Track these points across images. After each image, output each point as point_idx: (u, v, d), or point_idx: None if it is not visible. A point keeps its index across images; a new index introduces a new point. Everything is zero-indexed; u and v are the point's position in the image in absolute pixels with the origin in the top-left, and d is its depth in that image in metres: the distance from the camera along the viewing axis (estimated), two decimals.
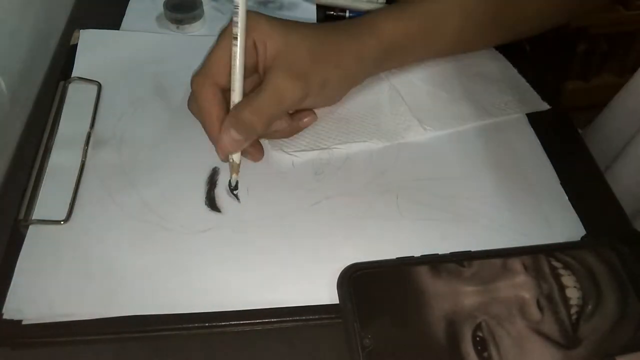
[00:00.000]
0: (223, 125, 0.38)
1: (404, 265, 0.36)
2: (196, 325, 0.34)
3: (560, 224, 0.40)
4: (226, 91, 0.40)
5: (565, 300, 0.34)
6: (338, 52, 0.41)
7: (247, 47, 0.39)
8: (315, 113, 0.44)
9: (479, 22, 0.46)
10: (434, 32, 0.45)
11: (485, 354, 0.32)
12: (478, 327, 0.33)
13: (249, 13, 0.38)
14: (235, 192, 0.40)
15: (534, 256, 0.36)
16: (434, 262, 0.36)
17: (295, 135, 0.44)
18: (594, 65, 1.16)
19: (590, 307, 0.34)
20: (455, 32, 0.46)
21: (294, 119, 0.43)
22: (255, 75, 0.41)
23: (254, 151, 0.42)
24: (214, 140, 0.40)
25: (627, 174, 0.51)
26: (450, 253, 0.37)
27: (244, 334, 0.35)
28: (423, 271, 0.35)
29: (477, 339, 0.33)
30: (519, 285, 0.35)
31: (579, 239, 0.39)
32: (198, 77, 0.40)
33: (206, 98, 0.39)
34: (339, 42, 0.42)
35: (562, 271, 0.35)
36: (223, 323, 0.34)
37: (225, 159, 0.40)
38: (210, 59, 0.40)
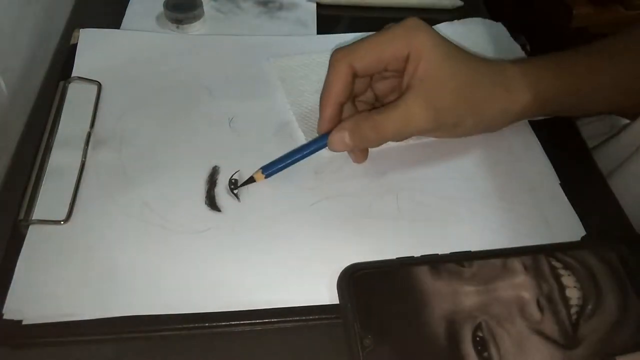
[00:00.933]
0: (340, 125, 0.39)
1: (404, 265, 0.36)
2: (196, 325, 0.34)
3: (560, 224, 0.40)
4: (358, 77, 0.39)
5: (565, 300, 0.34)
6: (484, 100, 0.40)
7: (399, 55, 0.38)
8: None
9: (633, 79, 0.43)
10: (588, 90, 0.43)
11: (486, 354, 0.32)
12: (478, 327, 0.33)
13: (419, 21, 0.38)
14: (235, 191, 0.40)
15: (534, 256, 0.36)
16: (434, 262, 0.36)
17: None
18: None
19: (590, 307, 0.34)
20: (610, 90, 0.44)
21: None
22: (398, 80, 0.41)
23: (360, 154, 0.42)
24: (321, 113, 0.40)
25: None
26: (450, 253, 0.37)
27: (244, 334, 0.35)
28: (423, 271, 0.35)
29: (477, 339, 0.33)
30: (519, 285, 0.35)
31: (579, 239, 0.39)
32: (340, 52, 0.39)
33: (337, 73, 0.39)
34: (490, 90, 0.40)
35: (562, 271, 0.35)
36: (223, 323, 0.34)
37: (321, 133, 0.40)
38: (362, 42, 0.39)
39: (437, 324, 0.33)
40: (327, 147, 0.40)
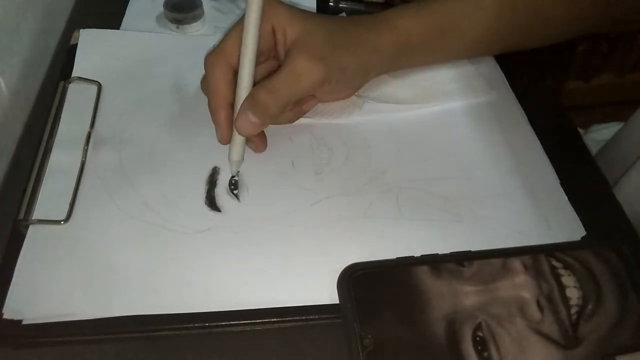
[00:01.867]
0: (240, 108, 0.39)
1: (404, 265, 0.36)
2: (196, 325, 0.34)
3: (560, 224, 0.40)
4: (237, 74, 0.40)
5: (565, 300, 0.34)
6: (356, 42, 0.41)
7: (264, 33, 0.39)
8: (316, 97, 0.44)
9: (498, 26, 0.46)
10: (452, 33, 0.45)
11: (486, 354, 0.32)
12: (478, 327, 0.33)
13: (268, 0, 0.39)
14: (235, 191, 0.40)
15: (534, 256, 0.36)
16: (434, 262, 0.36)
17: None
18: (594, 65, 1.16)
19: (590, 307, 0.34)
20: (474, 34, 0.46)
21: (297, 104, 0.43)
22: (273, 62, 0.42)
23: (259, 141, 0.42)
24: (215, 119, 0.40)
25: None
26: (450, 253, 0.37)
27: (244, 334, 0.35)
28: (423, 271, 0.35)
29: (477, 338, 0.33)
30: (519, 285, 0.35)
31: (579, 239, 0.39)
32: (211, 55, 0.40)
33: (216, 76, 0.40)
34: (357, 33, 0.42)
35: (562, 271, 0.35)
36: (223, 323, 0.35)
37: (226, 141, 0.40)
38: (226, 39, 0.40)
39: (437, 324, 0.33)
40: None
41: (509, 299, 0.34)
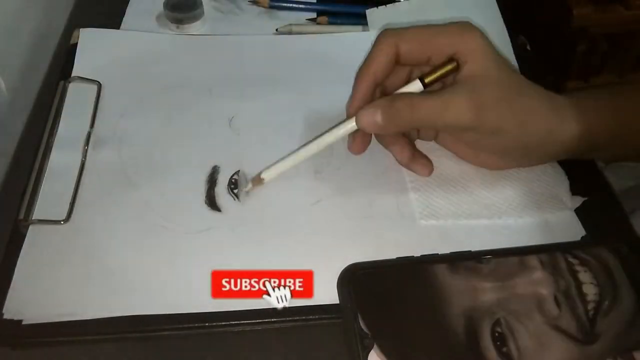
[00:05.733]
0: (373, 103, 0.37)
1: (404, 265, 0.36)
2: (196, 325, 0.34)
3: (560, 224, 0.40)
4: (397, 64, 0.39)
5: (582, 296, 0.34)
6: (530, 112, 0.37)
7: (442, 54, 0.37)
8: (432, 167, 0.41)
9: None
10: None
11: (505, 349, 0.32)
12: (497, 322, 0.33)
13: (473, 24, 0.37)
14: (235, 190, 0.40)
15: (551, 253, 0.36)
16: (434, 262, 0.36)
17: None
18: (594, 65, 1.16)
19: (607, 302, 0.34)
20: None
21: (416, 156, 0.41)
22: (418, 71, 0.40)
23: (361, 142, 0.41)
24: (354, 87, 0.39)
25: None
26: (450, 253, 0.36)
27: (244, 334, 0.35)
28: (423, 271, 0.35)
29: (496, 334, 0.33)
30: (537, 282, 0.35)
31: (579, 239, 0.39)
32: (389, 30, 0.38)
33: (380, 48, 0.38)
34: (537, 105, 0.38)
35: (578, 267, 0.35)
36: (223, 323, 0.35)
37: (350, 113, 0.39)
38: (414, 28, 0.38)
39: (441, 324, 0.33)
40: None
41: (526, 295, 0.34)
